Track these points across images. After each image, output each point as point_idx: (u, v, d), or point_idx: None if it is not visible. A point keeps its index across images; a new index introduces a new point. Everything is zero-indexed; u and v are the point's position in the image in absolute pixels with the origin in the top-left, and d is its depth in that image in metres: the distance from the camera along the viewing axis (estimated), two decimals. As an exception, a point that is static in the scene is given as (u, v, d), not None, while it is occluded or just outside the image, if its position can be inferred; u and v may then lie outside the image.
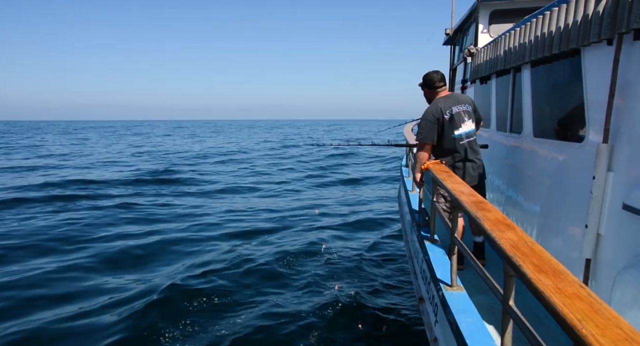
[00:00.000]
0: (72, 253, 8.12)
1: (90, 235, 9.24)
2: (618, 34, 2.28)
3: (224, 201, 13.41)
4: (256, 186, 16.29)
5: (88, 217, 10.74)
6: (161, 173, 18.67)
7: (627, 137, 2.30)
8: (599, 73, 2.54)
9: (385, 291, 6.52)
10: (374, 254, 8.21)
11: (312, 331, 5.29)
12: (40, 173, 19.09)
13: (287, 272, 7.21)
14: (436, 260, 3.14)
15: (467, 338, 2.13)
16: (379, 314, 5.76)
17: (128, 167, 21.82)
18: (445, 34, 8.00)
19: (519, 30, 3.68)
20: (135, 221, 10.60)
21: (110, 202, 12.63)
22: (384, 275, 7.19)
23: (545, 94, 3.53)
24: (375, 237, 9.36)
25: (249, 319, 5.55)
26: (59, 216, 10.90)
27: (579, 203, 2.64)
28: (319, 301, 6.06)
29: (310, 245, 8.55)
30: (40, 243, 8.64)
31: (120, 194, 14.12)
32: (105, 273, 7.19)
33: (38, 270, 7.15)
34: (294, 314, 5.66)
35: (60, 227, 9.83)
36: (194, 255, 8.12)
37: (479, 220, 1.98)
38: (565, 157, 3.06)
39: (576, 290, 1.23)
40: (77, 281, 6.78)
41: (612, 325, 1.05)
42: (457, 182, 2.89)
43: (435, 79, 3.81)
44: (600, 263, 2.49)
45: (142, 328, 5.29)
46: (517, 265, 1.45)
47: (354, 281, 6.90)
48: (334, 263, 7.65)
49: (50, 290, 6.45)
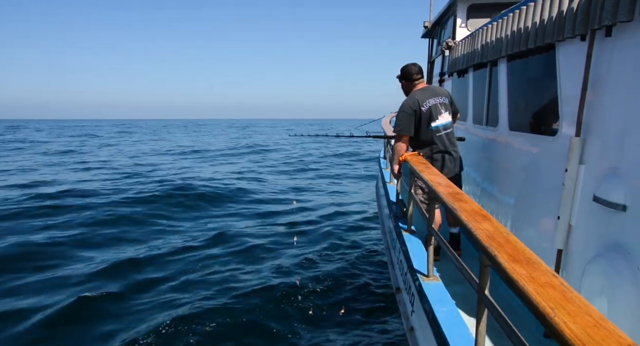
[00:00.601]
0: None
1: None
2: (591, 30, 2.33)
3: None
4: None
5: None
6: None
7: (598, 131, 2.37)
8: (572, 68, 2.60)
9: (363, 281, 6.59)
10: (351, 244, 8.30)
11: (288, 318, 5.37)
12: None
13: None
14: (413, 251, 3.19)
15: (443, 327, 2.17)
16: (356, 304, 5.83)
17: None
18: (423, 26, 8.04)
19: (495, 25, 3.73)
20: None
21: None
22: (362, 264, 7.27)
23: (520, 88, 3.60)
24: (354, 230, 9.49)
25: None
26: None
27: (552, 195, 2.71)
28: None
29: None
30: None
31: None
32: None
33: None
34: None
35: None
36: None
37: (456, 211, 2.01)
38: (539, 150, 3.13)
39: (549, 279, 1.27)
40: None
41: (583, 313, 1.08)
42: (434, 174, 2.93)
43: (412, 71, 3.83)
44: (571, 253, 2.57)
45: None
46: (492, 255, 1.48)
47: (330, 268, 6.99)
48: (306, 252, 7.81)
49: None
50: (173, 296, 5.99)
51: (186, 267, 7.08)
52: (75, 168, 19.43)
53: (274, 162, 23.08)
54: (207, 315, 5.40)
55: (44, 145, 33.58)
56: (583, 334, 0.99)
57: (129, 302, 5.83)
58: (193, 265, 7.19)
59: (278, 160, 24.46)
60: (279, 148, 32.25)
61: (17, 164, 20.59)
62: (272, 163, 22.74)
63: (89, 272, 6.77)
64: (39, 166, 20.04)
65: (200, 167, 20.31)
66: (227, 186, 14.22)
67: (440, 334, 2.14)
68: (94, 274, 6.70)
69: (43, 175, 16.98)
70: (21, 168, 18.96)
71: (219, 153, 27.74)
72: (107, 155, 26.28)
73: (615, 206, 2.12)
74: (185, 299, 5.89)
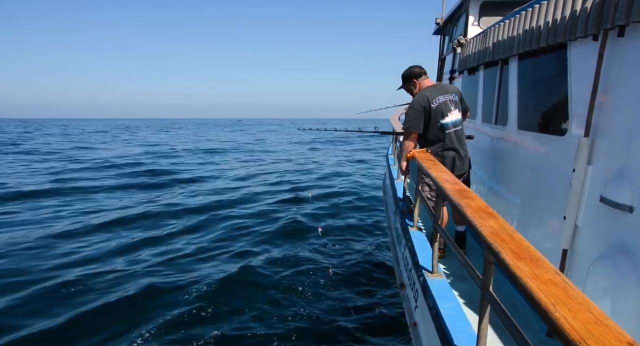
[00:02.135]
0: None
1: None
2: (603, 30, 2.32)
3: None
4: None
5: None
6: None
7: (607, 132, 2.36)
8: (584, 68, 2.59)
9: (367, 278, 6.62)
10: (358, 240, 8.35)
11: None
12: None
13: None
14: (418, 247, 3.20)
15: (446, 323, 2.19)
16: (359, 297, 5.87)
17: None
18: (435, 23, 7.99)
19: (507, 23, 3.71)
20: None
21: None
22: (367, 261, 7.31)
23: (530, 87, 3.58)
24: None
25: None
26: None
27: (559, 195, 2.71)
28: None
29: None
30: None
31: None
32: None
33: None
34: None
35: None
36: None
37: (462, 208, 2.03)
38: (548, 150, 3.12)
39: (552, 276, 1.28)
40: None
41: (584, 309, 1.10)
42: (441, 171, 2.93)
43: (415, 70, 3.85)
44: (577, 253, 2.57)
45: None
46: (496, 251, 1.50)
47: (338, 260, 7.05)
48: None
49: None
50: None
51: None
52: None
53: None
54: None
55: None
56: (583, 330, 1.00)
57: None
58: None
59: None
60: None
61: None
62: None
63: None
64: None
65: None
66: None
67: (443, 329, 2.16)
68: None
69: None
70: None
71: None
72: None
73: (622, 207, 2.12)
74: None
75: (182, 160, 23.16)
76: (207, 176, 16.63)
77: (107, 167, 19.05)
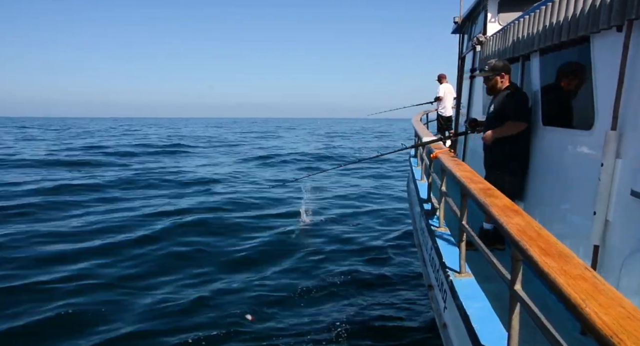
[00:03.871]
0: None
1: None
2: (628, 20, 2.27)
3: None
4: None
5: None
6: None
7: (635, 124, 2.30)
8: (608, 60, 2.53)
9: (395, 279, 6.59)
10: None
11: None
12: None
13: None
14: (444, 248, 3.18)
15: (475, 323, 2.17)
16: (388, 300, 5.85)
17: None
18: (454, 22, 7.91)
19: (527, 18, 3.67)
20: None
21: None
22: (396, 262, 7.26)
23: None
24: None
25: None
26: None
27: (587, 191, 2.65)
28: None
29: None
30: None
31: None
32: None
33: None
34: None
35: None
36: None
37: (487, 206, 2.01)
38: (574, 145, 3.06)
39: (581, 272, 1.26)
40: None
41: (615, 304, 1.08)
42: (465, 170, 2.91)
43: (508, 65, 3.84)
44: (608, 249, 2.51)
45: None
46: (524, 248, 1.48)
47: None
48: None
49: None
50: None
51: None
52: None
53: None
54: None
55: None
56: (615, 325, 0.98)
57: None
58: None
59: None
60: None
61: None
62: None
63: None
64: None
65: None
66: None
67: (473, 330, 2.13)
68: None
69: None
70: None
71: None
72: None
73: None
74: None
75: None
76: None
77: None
